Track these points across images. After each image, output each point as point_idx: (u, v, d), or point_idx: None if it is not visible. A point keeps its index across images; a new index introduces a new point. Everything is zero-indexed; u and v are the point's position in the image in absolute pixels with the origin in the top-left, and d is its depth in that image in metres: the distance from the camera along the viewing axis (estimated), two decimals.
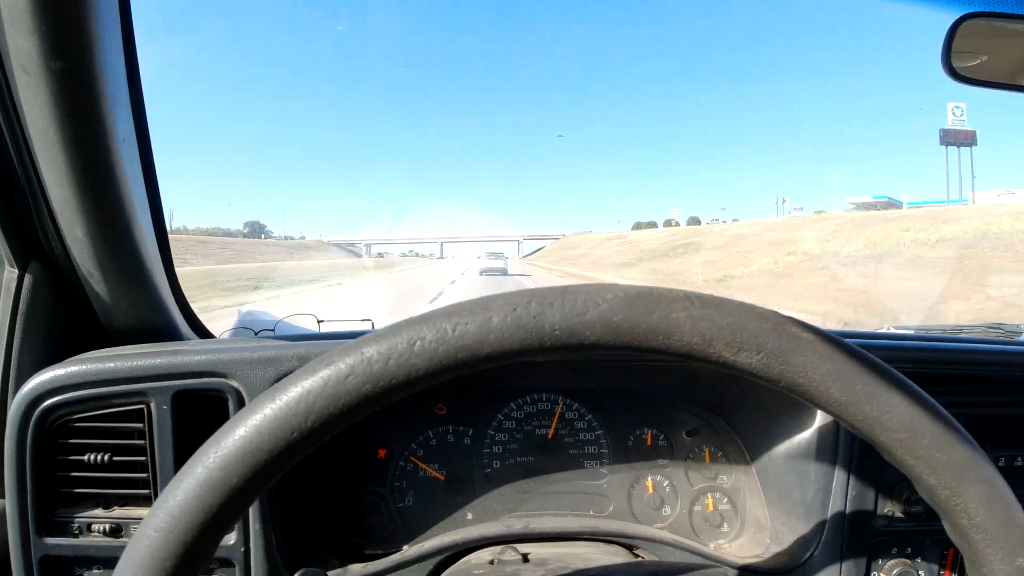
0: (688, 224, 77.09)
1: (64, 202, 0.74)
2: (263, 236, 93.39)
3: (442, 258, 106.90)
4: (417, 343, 0.36)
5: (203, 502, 0.35)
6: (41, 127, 0.67)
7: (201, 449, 0.37)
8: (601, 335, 0.37)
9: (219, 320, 1.09)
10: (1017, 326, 1.34)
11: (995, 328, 1.34)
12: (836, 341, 0.39)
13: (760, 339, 0.37)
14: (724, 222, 68.76)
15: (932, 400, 0.40)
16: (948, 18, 0.87)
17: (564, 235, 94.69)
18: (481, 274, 28.90)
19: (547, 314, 0.37)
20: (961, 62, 0.86)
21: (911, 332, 1.22)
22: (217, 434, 0.37)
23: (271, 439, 0.35)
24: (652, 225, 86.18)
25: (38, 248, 0.84)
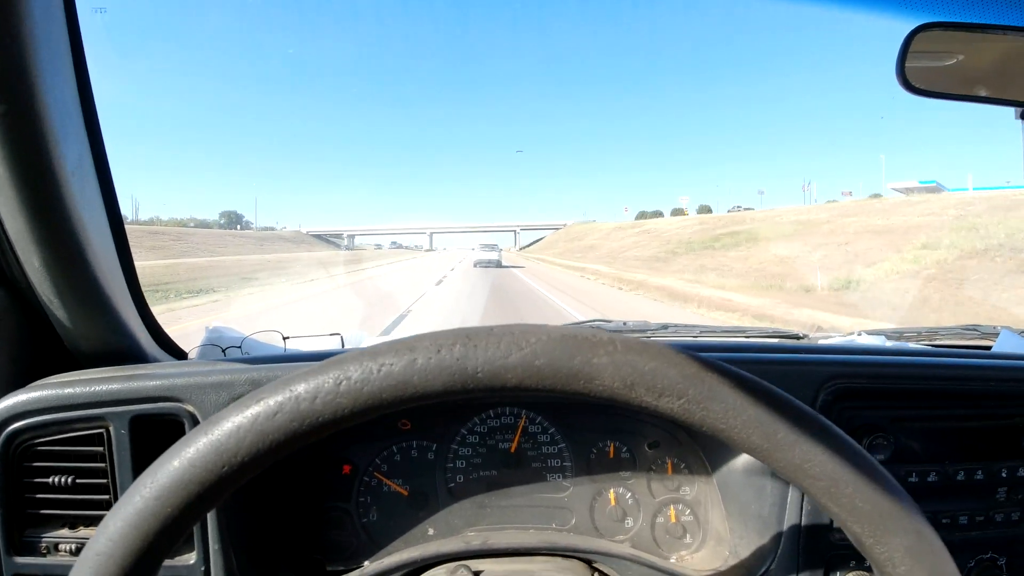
0: (699, 213, 71.00)
1: (18, 232, 0.76)
2: (239, 227, 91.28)
3: (431, 250, 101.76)
4: (343, 383, 0.38)
5: (140, 530, 0.37)
6: None
7: (140, 478, 0.39)
8: (523, 378, 0.38)
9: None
10: (994, 327, 1.33)
11: (971, 330, 1.34)
12: (758, 387, 0.40)
13: (681, 385, 0.39)
14: (744, 209, 61.73)
15: (858, 448, 0.40)
16: (904, 28, 0.87)
17: (565, 224, 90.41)
18: (475, 265, 28.64)
19: (470, 356, 0.38)
20: (916, 73, 0.86)
21: (883, 340, 1.22)
22: (154, 464, 0.39)
23: (203, 471, 0.37)
24: (658, 214, 79.07)
25: (0, 274, 0.86)
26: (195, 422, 0.80)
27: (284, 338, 1.08)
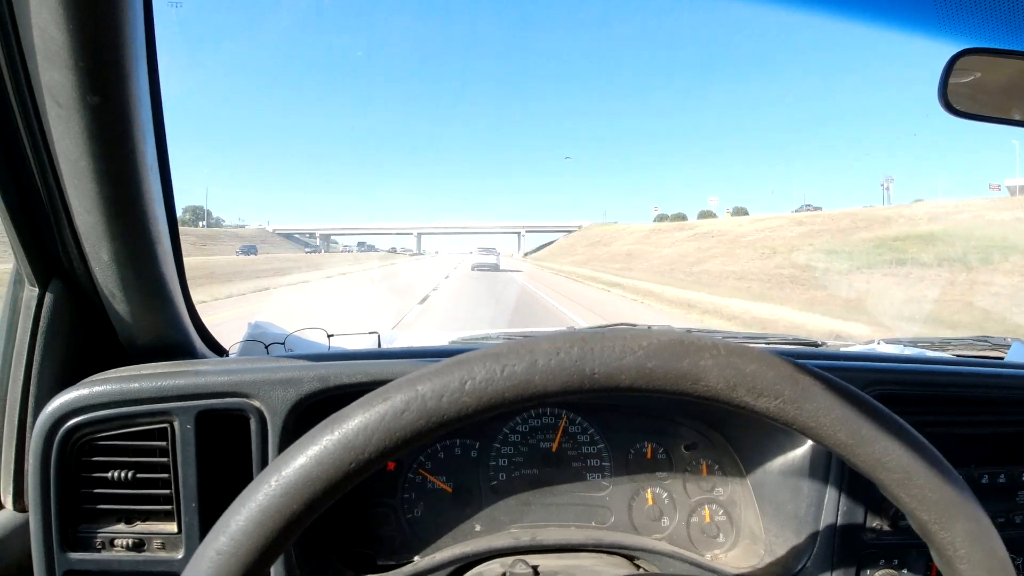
0: (734, 215, 58.11)
1: (91, 227, 0.77)
2: (201, 224, 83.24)
3: (418, 253, 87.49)
4: (468, 383, 0.40)
5: (263, 527, 0.38)
6: (72, 157, 0.70)
7: (261, 475, 0.40)
8: (636, 379, 0.41)
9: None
10: (1004, 338, 1.39)
11: (982, 341, 1.40)
12: (846, 389, 0.44)
13: (778, 386, 0.42)
14: (814, 208, 51.12)
15: (928, 444, 0.45)
16: (946, 52, 0.92)
17: (581, 226, 77.00)
18: (473, 269, 28.52)
19: (588, 358, 0.41)
20: (957, 96, 0.90)
21: (901, 348, 1.27)
22: (277, 461, 0.40)
23: (330, 469, 0.39)
24: (681, 217, 67.24)
25: (59, 268, 0.87)
26: (261, 418, 0.82)
27: (328, 336, 1.10)
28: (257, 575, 0.39)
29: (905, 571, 0.92)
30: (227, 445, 0.84)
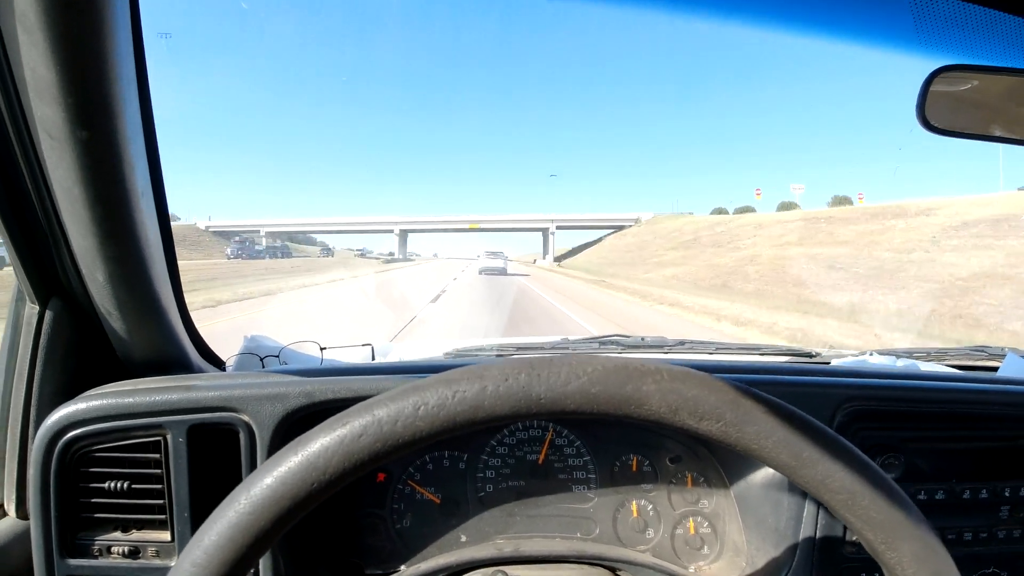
0: (833, 205, 39.12)
1: (86, 249, 0.81)
2: None
3: (398, 260, 64.76)
4: (421, 408, 0.43)
5: (234, 542, 0.42)
6: (66, 185, 0.74)
7: (232, 494, 0.44)
8: (580, 404, 0.44)
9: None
10: (1001, 348, 1.40)
11: (979, 351, 1.41)
12: (786, 411, 0.47)
13: (720, 410, 0.45)
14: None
15: (873, 465, 0.47)
16: (924, 69, 0.93)
17: (638, 219, 56.01)
18: (480, 273, 28.40)
19: (534, 384, 0.44)
20: (936, 113, 0.92)
21: (893, 359, 1.29)
22: (246, 481, 0.44)
23: (293, 488, 0.43)
24: (748, 209, 49.46)
25: (58, 286, 0.92)
26: (250, 432, 0.86)
27: (321, 349, 1.14)
28: None
29: None
30: (218, 457, 0.88)
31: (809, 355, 1.33)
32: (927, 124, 0.92)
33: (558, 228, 65.49)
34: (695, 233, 38.79)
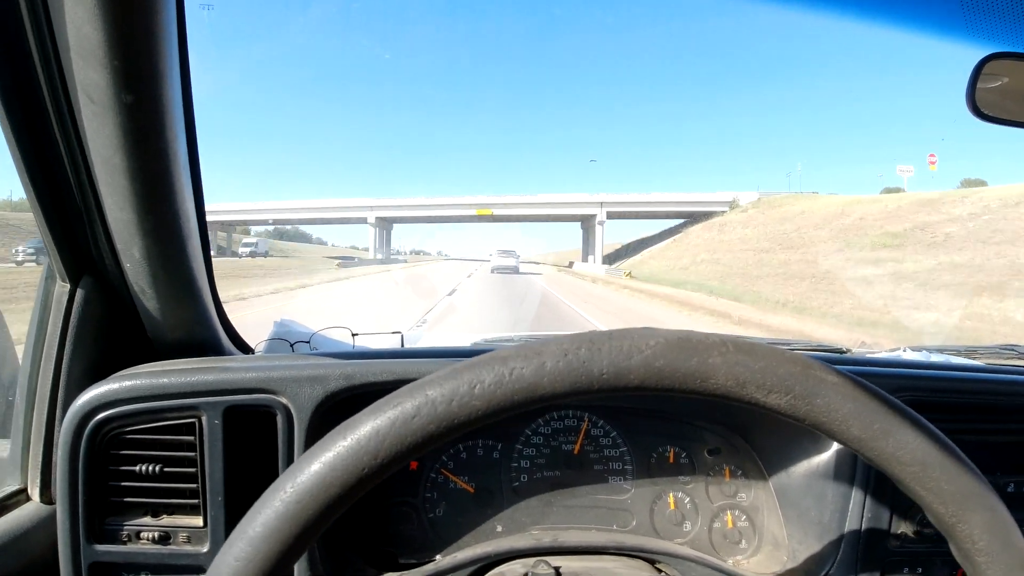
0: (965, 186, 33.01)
1: (123, 223, 0.80)
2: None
3: (372, 261, 44.54)
4: (477, 386, 0.41)
5: (280, 533, 0.40)
6: (106, 154, 0.73)
7: (277, 482, 0.41)
8: (644, 378, 0.43)
9: None
10: None
11: (1009, 349, 1.41)
12: (857, 383, 0.45)
13: (788, 382, 0.43)
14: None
15: (943, 436, 0.46)
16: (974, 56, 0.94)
17: (734, 201, 38.83)
18: (492, 272, 28.72)
19: (595, 359, 0.42)
20: (985, 101, 0.92)
21: (927, 355, 1.28)
22: (292, 468, 0.42)
23: (343, 474, 0.40)
24: (896, 190, 35.35)
25: (90, 264, 0.90)
26: (288, 414, 0.85)
27: (353, 335, 1.13)
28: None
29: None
30: (254, 441, 0.86)
31: (840, 351, 1.32)
32: (977, 112, 0.92)
33: (609, 213, 44.06)
34: (889, 218, 23.74)
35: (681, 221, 44.17)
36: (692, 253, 33.80)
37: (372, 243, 52.54)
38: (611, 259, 43.51)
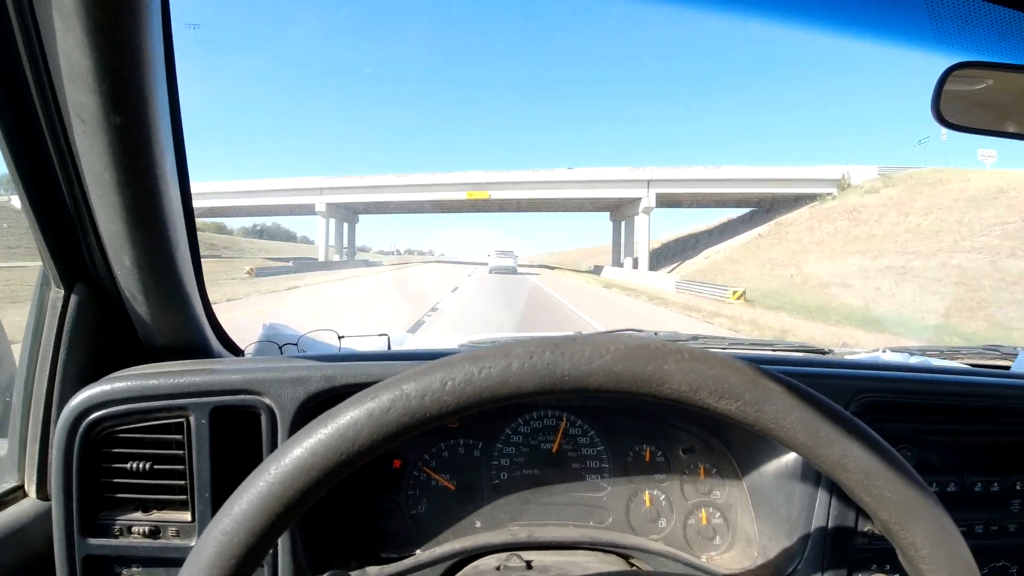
0: None
1: (114, 234, 0.84)
2: None
3: (337, 260, 39.20)
4: (448, 383, 0.45)
5: (263, 511, 0.43)
6: (97, 170, 0.77)
7: (263, 464, 0.45)
8: (603, 382, 0.46)
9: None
10: (1014, 348, 1.42)
11: (992, 350, 1.43)
12: (804, 392, 0.48)
13: (739, 389, 0.46)
14: None
15: (887, 446, 0.49)
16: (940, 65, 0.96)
17: (845, 177, 30.64)
18: (491, 272, 28.39)
19: (559, 362, 0.46)
20: (950, 109, 0.95)
21: (905, 356, 1.31)
22: (276, 452, 0.45)
23: (323, 459, 0.44)
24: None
25: (83, 271, 0.95)
26: (272, 414, 0.89)
27: (339, 337, 1.17)
28: (258, 555, 0.44)
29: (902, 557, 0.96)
30: (239, 439, 0.91)
31: (822, 351, 1.35)
32: (942, 120, 0.95)
33: (659, 202, 33.14)
34: None
35: (749, 210, 35.03)
36: (803, 253, 23.74)
37: (323, 239, 40.01)
38: (654, 260, 34.03)
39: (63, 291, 0.95)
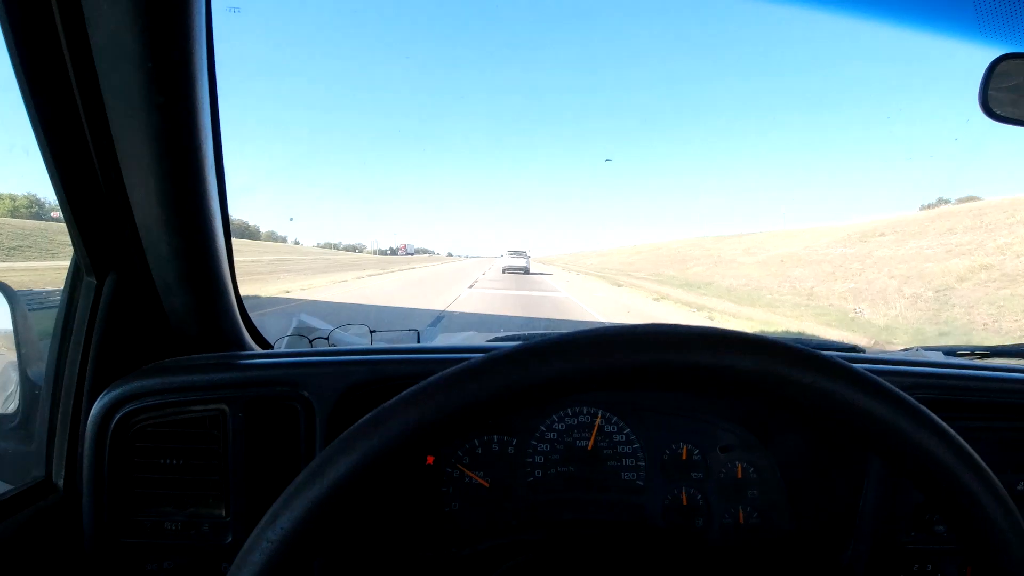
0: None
1: (151, 220, 0.84)
2: None
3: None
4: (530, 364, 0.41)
5: (312, 515, 0.41)
6: (136, 153, 0.77)
7: (311, 466, 0.42)
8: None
9: None
10: None
11: None
12: (875, 380, 0.47)
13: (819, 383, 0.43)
14: None
15: (953, 433, 0.46)
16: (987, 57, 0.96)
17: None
18: (504, 272, 28.97)
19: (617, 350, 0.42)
20: (998, 101, 0.95)
21: (939, 354, 1.30)
22: (326, 453, 0.42)
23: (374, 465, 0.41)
24: None
25: (117, 260, 0.94)
26: (309, 407, 0.88)
27: (371, 332, 1.17)
28: (307, 561, 0.42)
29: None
30: (276, 433, 0.90)
31: (854, 349, 1.34)
32: (989, 111, 0.95)
33: None
34: None
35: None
36: None
37: None
38: None
39: (95, 280, 0.94)
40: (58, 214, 0.90)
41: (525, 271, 31.58)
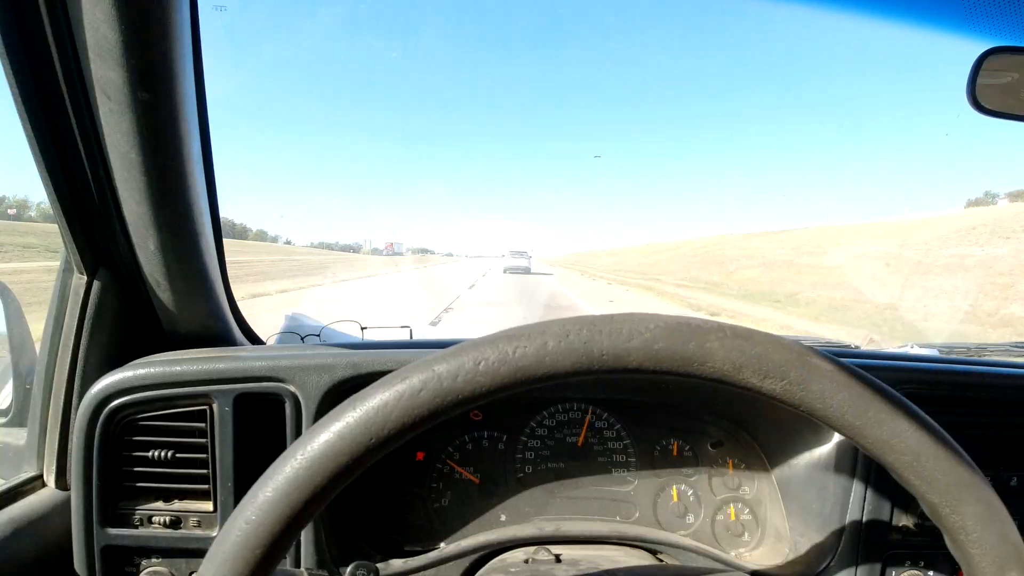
0: None
1: (139, 217, 0.84)
2: None
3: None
4: (482, 363, 0.43)
5: (290, 498, 0.41)
6: (123, 150, 0.77)
7: (289, 450, 0.43)
8: (643, 361, 0.45)
9: None
10: None
11: (1020, 347, 1.42)
12: (852, 371, 0.47)
13: (784, 368, 0.45)
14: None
15: (937, 426, 0.47)
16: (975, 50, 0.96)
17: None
18: (505, 272, 29.63)
19: (596, 340, 0.44)
20: (986, 95, 0.95)
21: (934, 352, 1.30)
22: (303, 437, 0.43)
23: (351, 444, 0.42)
24: None
25: (106, 257, 0.95)
26: (296, 401, 0.88)
27: (362, 328, 1.17)
28: (283, 545, 0.42)
29: (931, 573, 0.95)
30: (263, 428, 0.90)
31: (849, 347, 1.35)
32: (977, 105, 0.95)
33: None
34: None
35: None
36: None
37: None
38: None
39: (85, 277, 0.95)
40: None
41: (527, 271, 32.45)
